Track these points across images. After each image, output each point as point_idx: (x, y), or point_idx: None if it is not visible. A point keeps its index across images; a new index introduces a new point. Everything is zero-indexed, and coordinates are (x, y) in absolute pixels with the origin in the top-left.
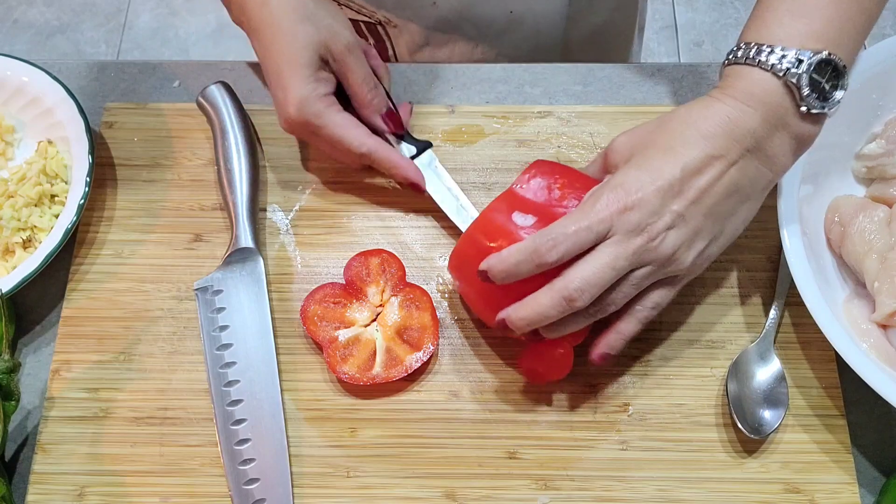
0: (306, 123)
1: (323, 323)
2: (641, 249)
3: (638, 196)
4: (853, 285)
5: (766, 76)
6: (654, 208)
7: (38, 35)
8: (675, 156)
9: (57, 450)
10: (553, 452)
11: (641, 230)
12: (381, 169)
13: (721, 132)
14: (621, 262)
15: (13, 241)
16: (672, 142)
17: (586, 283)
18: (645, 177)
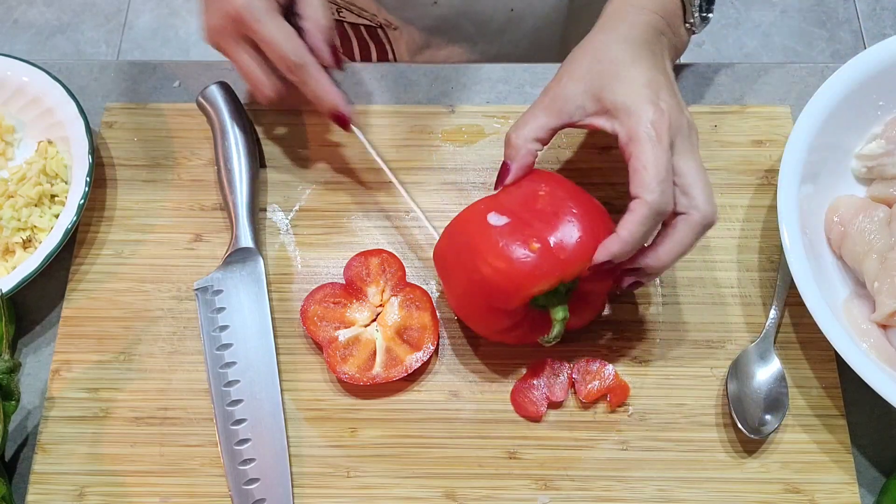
0: (243, 21)
1: (323, 323)
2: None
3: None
4: (853, 285)
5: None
6: (677, 106)
7: (38, 35)
8: (644, 64)
9: (57, 450)
10: (553, 452)
11: (689, 127)
12: (309, 93)
13: (651, 35)
14: (697, 156)
15: (13, 241)
16: (626, 56)
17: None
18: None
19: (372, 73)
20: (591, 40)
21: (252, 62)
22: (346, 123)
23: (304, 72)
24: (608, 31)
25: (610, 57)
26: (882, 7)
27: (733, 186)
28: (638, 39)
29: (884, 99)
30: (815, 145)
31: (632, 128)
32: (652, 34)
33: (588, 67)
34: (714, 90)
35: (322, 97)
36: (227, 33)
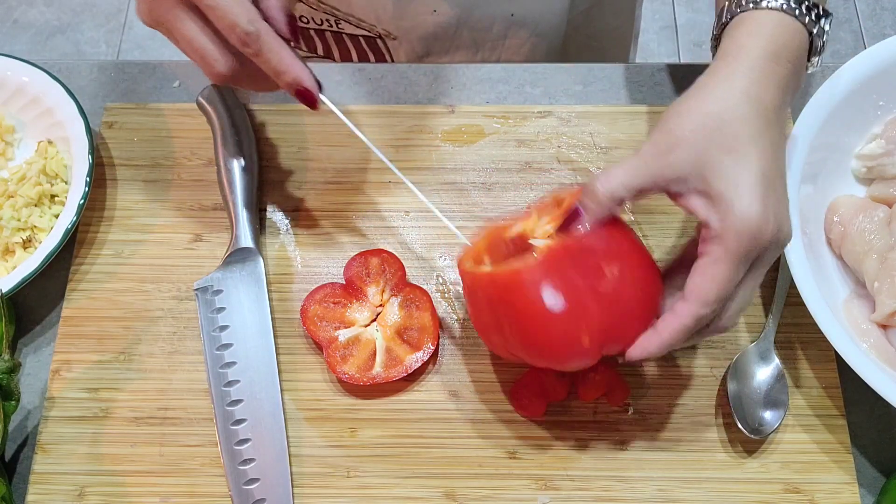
0: None
1: (323, 323)
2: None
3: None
4: (853, 285)
5: (791, 22)
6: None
7: (38, 35)
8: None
9: (57, 450)
10: (553, 452)
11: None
12: (267, 66)
13: (777, 103)
14: (763, 275)
15: (13, 241)
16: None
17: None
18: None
19: (372, 73)
20: (709, 87)
21: (199, 33)
22: (312, 100)
23: (259, 41)
24: (731, 79)
25: (729, 122)
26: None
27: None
28: (764, 102)
29: (884, 99)
30: (815, 145)
31: (726, 233)
32: (780, 95)
33: (701, 130)
34: None
35: (282, 70)
36: (164, 7)
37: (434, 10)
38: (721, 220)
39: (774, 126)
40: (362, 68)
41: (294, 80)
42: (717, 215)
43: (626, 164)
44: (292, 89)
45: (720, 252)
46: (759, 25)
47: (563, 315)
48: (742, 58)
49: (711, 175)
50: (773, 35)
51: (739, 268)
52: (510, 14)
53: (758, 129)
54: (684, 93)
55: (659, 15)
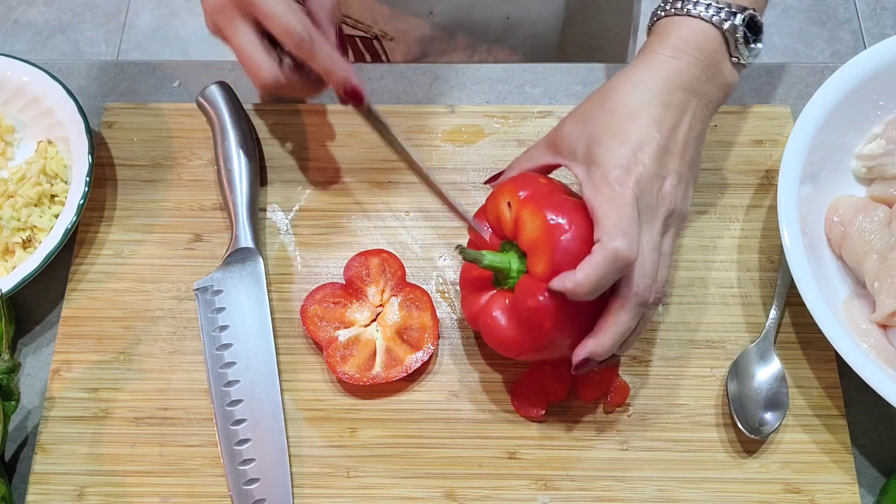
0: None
1: (323, 323)
2: (667, 216)
3: (639, 170)
4: (853, 285)
5: (705, 25)
6: (656, 172)
7: (38, 35)
8: (643, 118)
9: (57, 450)
10: (553, 452)
11: (659, 199)
12: (318, 66)
13: (672, 85)
14: (657, 237)
15: (13, 241)
16: (630, 106)
17: (648, 277)
18: (628, 149)
19: (371, 73)
20: (610, 81)
21: (252, 42)
22: (360, 98)
23: (312, 44)
24: (627, 73)
25: (615, 104)
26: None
27: (733, 186)
28: (653, 88)
29: (884, 99)
30: (815, 145)
31: (595, 182)
32: (675, 83)
33: (592, 111)
34: None
35: (333, 70)
36: (228, 10)
37: (430, 12)
38: (591, 175)
39: (657, 107)
40: (361, 68)
41: (345, 78)
42: (587, 171)
43: (536, 144)
44: (342, 88)
45: (595, 197)
46: (667, 29)
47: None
48: (641, 54)
49: (592, 144)
50: (677, 34)
51: (619, 200)
52: (506, 16)
53: (638, 105)
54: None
55: None
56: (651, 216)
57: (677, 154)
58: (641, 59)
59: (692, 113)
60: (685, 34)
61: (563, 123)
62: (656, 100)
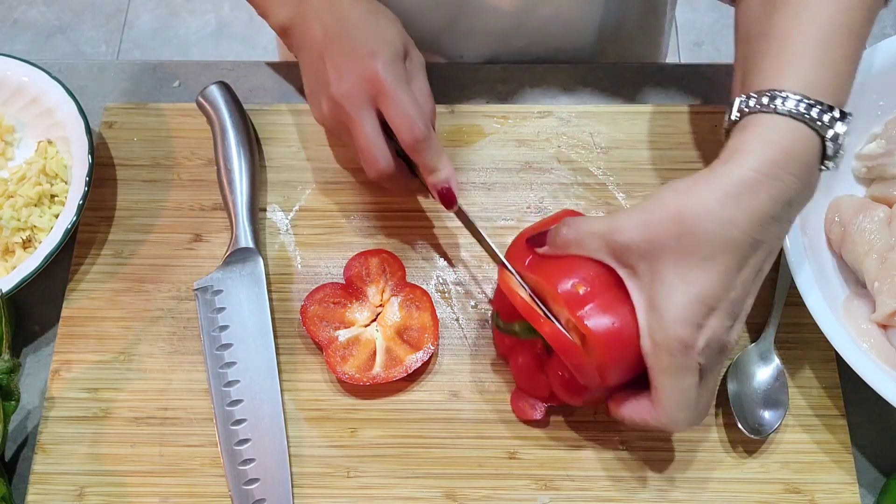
0: (380, 85)
1: (323, 323)
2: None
3: (708, 335)
4: (853, 285)
5: (807, 131)
6: (725, 328)
7: (38, 35)
8: (722, 263)
9: (57, 450)
10: (553, 452)
11: (723, 354)
12: (424, 164)
13: (763, 220)
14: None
15: (13, 241)
16: (712, 244)
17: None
18: (698, 306)
19: None
20: (699, 184)
21: (376, 131)
22: (453, 201)
23: (427, 141)
24: (715, 196)
25: (690, 230)
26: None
27: None
28: (744, 225)
29: (884, 99)
30: None
31: (655, 347)
32: (769, 214)
33: (662, 227)
34: (714, 90)
35: (440, 169)
36: (361, 98)
37: (461, 56)
38: (650, 332)
39: (740, 246)
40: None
41: (445, 179)
42: (647, 324)
43: (598, 220)
44: (438, 187)
45: (658, 369)
46: (761, 130)
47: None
48: (733, 165)
49: (656, 276)
50: (775, 142)
51: (681, 378)
52: (535, 57)
53: (714, 250)
54: (679, 180)
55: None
56: (712, 373)
57: (739, 296)
58: (733, 177)
59: (777, 244)
60: (791, 145)
61: (627, 228)
62: (745, 239)
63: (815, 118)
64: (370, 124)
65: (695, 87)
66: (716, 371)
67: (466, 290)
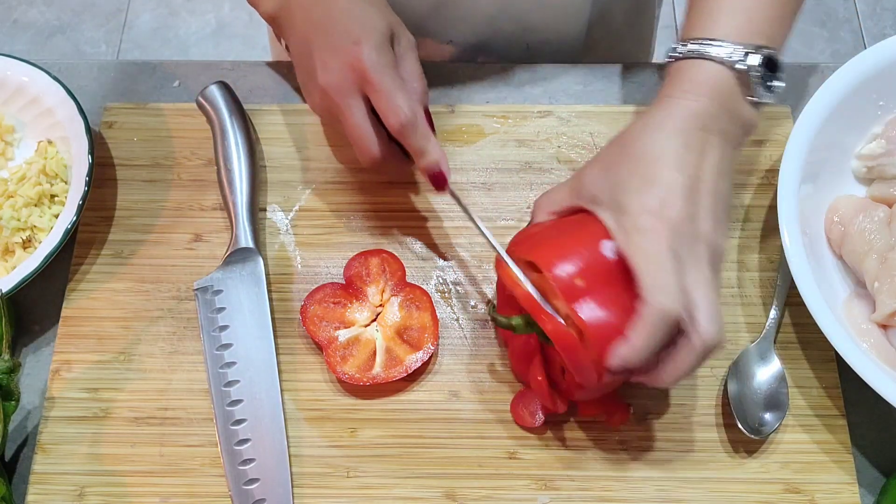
0: (366, 73)
1: (323, 323)
2: (710, 254)
3: (671, 213)
4: (853, 285)
5: (718, 67)
6: (688, 213)
7: (38, 35)
8: (666, 161)
9: (57, 450)
10: (553, 452)
11: (698, 238)
12: (414, 145)
13: (690, 126)
14: (706, 272)
15: (13, 241)
16: (651, 150)
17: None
18: (656, 193)
19: None
20: (628, 127)
21: (365, 118)
22: (444, 183)
23: (414, 125)
24: (645, 118)
25: (635, 150)
26: (882, 7)
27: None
28: (672, 131)
29: (884, 99)
30: (815, 145)
31: (627, 230)
32: (692, 124)
33: (612, 157)
34: None
35: (428, 151)
36: (347, 87)
37: (450, 41)
38: (620, 224)
39: (678, 149)
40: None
41: (434, 162)
42: (616, 221)
43: (561, 184)
44: (428, 170)
45: (629, 248)
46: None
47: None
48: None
49: (616, 190)
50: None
51: (654, 250)
52: (525, 45)
53: (660, 149)
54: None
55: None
56: (695, 258)
57: (706, 192)
58: (658, 105)
59: (714, 150)
60: (700, 77)
61: (585, 170)
62: (676, 141)
63: (729, 59)
64: (358, 112)
65: None
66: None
67: (466, 290)
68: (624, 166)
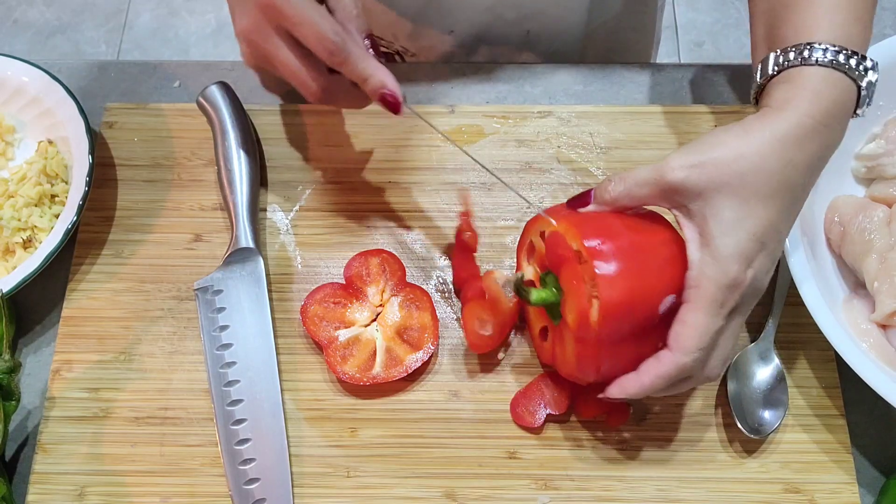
0: (275, 7)
1: (323, 323)
2: (753, 301)
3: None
4: (853, 285)
5: (848, 82)
6: (768, 266)
7: (38, 35)
8: (778, 202)
9: (57, 450)
10: (553, 452)
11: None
12: (354, 72)
13: (815, 165)
14: (739, 321)
15: (13, 241)
16: (772, 185)
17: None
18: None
19: None
20: (752, 130)
21: (293, 57)
22: (397, 104)
23: (346, 50)
24: (773, 130)
25: (752, 171)
26: (882, 7)
27: None
28: (795, 162)
29: (884, 99)
30: None
31: (704, 282)
32: (817, 155)
33: (721, 166)
34: (714, 90)
35: (368, 75)
36: (262, 29)
37: (451, 31)
38: (701, 266)
39: (796, 188)
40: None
41: (380, 83)
42: (700, 258)
43: (644, 169)
44: (378, 94)
45: (699, 301)
46: (807, 81)
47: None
48: (789, 113)
49: (712, 213)
50: (822, 93)
51: (716, 317)
52: (526, 31)
53: (776, 189)
54: (730, 124)
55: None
56: (739, 311)
57: (779, 238)
58: (791, 122)
59: (808, 186)
60: (837, 96)
61: (679, 168)
62: (801, 181)
63: (853, 67)
64: (283, 52)
65: (695, 87)
66: (743, 316)
67: None
68: (731, 186)
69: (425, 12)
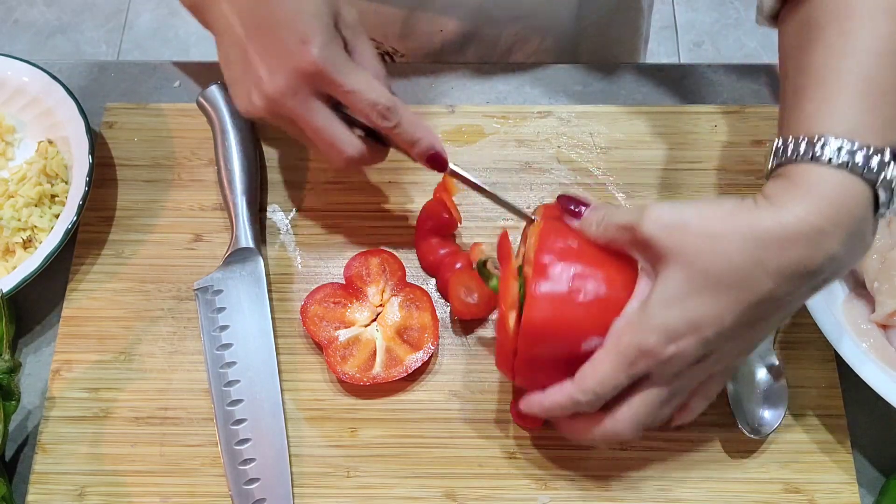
0: (323, 75)
1: (323, 323)
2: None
3: (682, 347)
4: (853, 285)
5: (860, 185)
6: (696, 354)
7: (38, 35)
8: (728, 298)
9: (57, 450)
10: (553, 452)
11: (678, 374)
12: (404, 136)
13: (798, 273)
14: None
15: (13, 241)
16: (732, 279)
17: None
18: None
19: None
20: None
21: (333, 120)
22: (444, 164)
23: (397, 113)
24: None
25: (720, 254)
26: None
27: (733, 186)
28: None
29: None
30: None
31: (623, 332)
32: (802, 269)
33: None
34: (714, 90)
35: (420, 137)
36: (301, 93)
37: (441, 30)
38: (629, 319)
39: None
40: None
41: (430, 147)
42: (631, 312)
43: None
44: (426, 156)
45: (610, 349)
46: (810, 182)
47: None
48: (780, 212)
49: (661, 279)
50: (826, 196)
51: (619, 372)
52: (515, 32)
53: (732, 284)
54: (733, 197)
55: (659, 15)
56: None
57: (738, 343)
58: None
59: (808, 296)
60: (834, 196)
61: (656, 224)
62: (766, 287)
63: (861, 165)
64: (322, 116)
65: (695, 87)
66: (661, 389)
67: None
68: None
69: (415, 12)
